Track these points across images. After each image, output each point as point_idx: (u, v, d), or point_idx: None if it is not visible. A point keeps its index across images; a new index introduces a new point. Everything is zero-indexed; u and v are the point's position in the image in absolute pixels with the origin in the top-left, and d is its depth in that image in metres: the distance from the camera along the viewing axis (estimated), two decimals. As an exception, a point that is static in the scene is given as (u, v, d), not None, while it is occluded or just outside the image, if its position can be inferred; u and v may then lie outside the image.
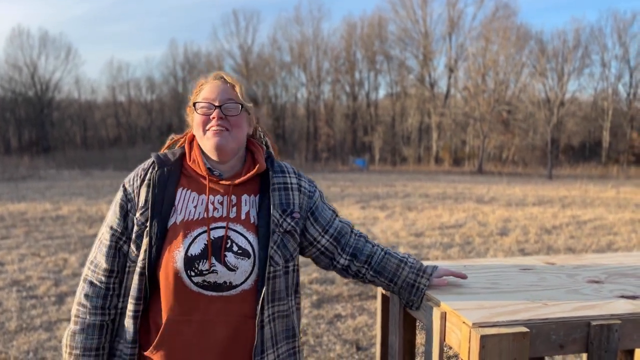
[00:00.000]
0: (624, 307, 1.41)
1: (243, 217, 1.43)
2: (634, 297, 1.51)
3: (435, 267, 1.60)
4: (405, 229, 9.08)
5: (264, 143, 1.60)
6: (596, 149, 39.06)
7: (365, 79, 43.35)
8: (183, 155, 1.51)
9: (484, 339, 1.23)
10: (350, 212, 10.98)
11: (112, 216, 1.48)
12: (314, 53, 41.86)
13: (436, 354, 1.43)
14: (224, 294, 1.38)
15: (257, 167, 1.47)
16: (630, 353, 2.12)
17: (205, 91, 1.46)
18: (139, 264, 1.40)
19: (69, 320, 4.38)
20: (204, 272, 1.36)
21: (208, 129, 1.42)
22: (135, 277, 1.40)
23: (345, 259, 1.56)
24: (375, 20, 41.21)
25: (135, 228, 1.42)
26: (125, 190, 1.48)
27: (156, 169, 1.46)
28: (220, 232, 1.39)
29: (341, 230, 1.57)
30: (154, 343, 1.38)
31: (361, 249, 1.57)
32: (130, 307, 1.40)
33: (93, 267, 1.46)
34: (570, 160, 36.57)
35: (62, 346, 1.44)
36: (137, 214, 1.43)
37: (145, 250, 1.39)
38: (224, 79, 1.47)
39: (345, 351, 3.86)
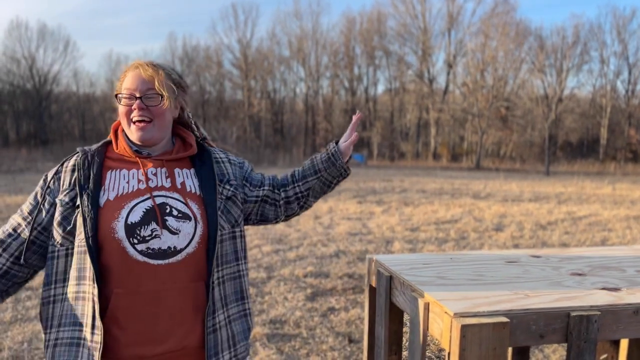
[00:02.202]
0: (604, 298, 1.43)
1: (179, 186, 1.47)
2: (615, 289, 1.53)
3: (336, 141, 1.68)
4: (401, 224, 9.10)
5: (193, 124, 1.64)
6: (594, 145, 39.11)
7: (364, 74, 43.34)
8: (108, 143, 1.54)
9: (464, 328, 1.25)
10: (346, 207, 11.00)
11: (26, 204, 1.48)
12: (312, 48, 41.78)
13: (419, 344, 1.45)
14: (170, 260, 1.37)
15: (191, 149, 1.54)
16: (616, 343, 2.15)
17: (126, 81, 1.46)
18: (79, 243, 1.35)
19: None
20: (147, 238, 1.36)
21: (132, 121, 1.45)
22: (84, 257, 1.35)
23: (281, 191, 1.67)
24: (374, 15, 41.15)
25: (60, 209, 1.39)
26: (45, 179, 1.49)
27: (80, 157, 1.47)
28: (159, 200, 1.41)
29: (272, 179, 1.70)
30: (105, 319, 1.33)
31: (285, 178, 1.70)
32: (88, 289, 1.34)
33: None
34: (567, 157, 36.64)
35: None
36: (61, 196, 1.41)
37: (82, 226, 1.35)
38: (143, 68, 1.46)
39: (338, 343, 3.89)
